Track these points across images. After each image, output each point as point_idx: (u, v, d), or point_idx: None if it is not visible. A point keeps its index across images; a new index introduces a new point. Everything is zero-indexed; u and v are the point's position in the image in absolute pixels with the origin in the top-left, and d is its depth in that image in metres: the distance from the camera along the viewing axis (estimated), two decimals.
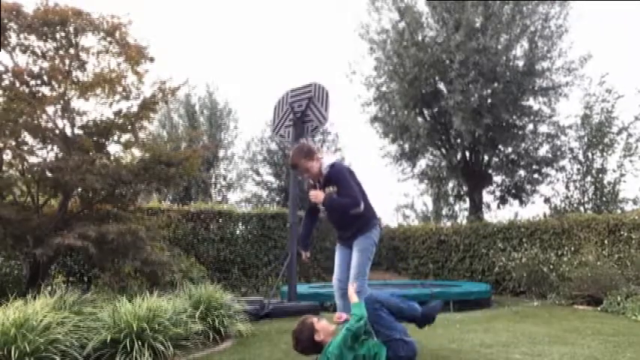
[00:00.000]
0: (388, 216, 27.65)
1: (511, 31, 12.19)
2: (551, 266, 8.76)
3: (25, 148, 5.94)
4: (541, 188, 13.49)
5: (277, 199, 20.18)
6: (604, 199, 11.88)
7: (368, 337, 3.22)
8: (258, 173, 20.86)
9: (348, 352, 3.06)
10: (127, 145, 6.67)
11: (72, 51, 6.13)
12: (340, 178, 4.03)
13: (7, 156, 6.04)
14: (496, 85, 12.36)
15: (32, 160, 5.99)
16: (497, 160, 13.78)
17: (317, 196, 4.03)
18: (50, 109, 6.06)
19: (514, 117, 12.96)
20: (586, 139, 12.32)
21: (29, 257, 5.78)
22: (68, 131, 6.17)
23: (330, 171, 4.07)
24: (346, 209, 3.99)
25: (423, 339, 4.84)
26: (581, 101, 12.56)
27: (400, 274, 12.23)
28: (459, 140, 13.03)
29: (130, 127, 6.47)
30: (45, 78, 5.91)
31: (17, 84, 5.82)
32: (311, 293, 7.74)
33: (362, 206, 4.00)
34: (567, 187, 12.56)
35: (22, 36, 5.94)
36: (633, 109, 14.52)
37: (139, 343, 3.71)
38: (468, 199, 14.42)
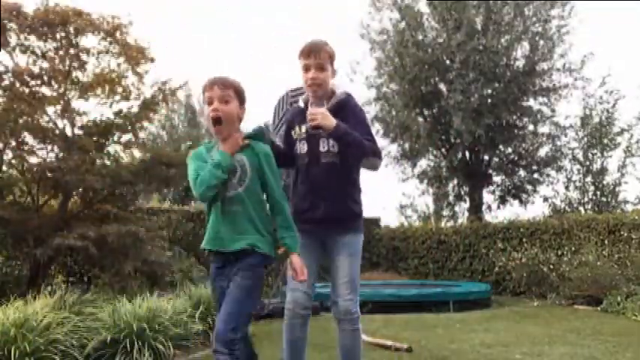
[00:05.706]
0: (389, 216, 27.65)
1: (512, 31, 12.19)
2: (551, 266, 8.76)
3: (25, 148, 5.94)
4: (541, 188, 13.47)
5: None
6: (604, 199, 11.86)
7: None
8: None
9: None
10: (127, 146, 6.67)
11: (72, 51, 6.12)
12: (360, 114, 2.72)
13: (8, 156, 6.05)
14: (497, 85, 12.35)
15: (32, 160, 6.00)
16: (497, 160, 13.77)
17: (322, 116, 2.48)
18: (50, 110, 6.07)
19: (514, 117, 12.95)
20: (586, 140, 12.30)
21: (29, 257, 5.78)
22: (68, 131, 6.18)
23: (346, 99, 2.70)
24: (363, 155, 2.59)
25: (423, 339, 4.85)
26: (581, 102, 12.54)
27: (400, 274, 12.21)
28: (459, 140, 13.01)
29: (130, 127, 6.47)
30: (45, 78, 5.92)
31: (17, 84, 5.83)
32: None
33: (379, 166, 2.70)
34: (567, 188, 12.55)
35: (22, 36, 5.93)
36: (636, 109, 14.49)
37: (139, 343, 3.72)
38: (468, 199, 14.40)
